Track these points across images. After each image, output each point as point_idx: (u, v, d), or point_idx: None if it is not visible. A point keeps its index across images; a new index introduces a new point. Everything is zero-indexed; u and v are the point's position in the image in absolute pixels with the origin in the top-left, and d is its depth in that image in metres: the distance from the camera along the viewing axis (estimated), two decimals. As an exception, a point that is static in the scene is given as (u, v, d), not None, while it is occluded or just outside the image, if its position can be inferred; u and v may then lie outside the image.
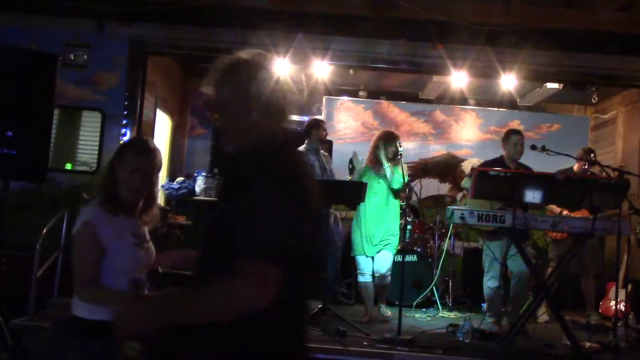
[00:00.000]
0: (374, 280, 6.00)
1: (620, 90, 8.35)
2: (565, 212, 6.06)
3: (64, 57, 6.41)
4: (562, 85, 8.01)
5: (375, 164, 5.99)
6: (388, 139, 5.93)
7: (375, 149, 5.99)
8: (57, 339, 2.83)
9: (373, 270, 5.98)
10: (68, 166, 6.69)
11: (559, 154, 5.52)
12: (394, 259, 6.08)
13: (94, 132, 6.67)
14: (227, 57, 2.04)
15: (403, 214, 6.15)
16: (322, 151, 6.86)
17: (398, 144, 5.76)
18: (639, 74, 6.83)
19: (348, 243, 7.56)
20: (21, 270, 5.24)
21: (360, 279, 6.06)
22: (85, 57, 6.64)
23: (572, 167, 6.72)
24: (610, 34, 6.61)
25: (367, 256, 5.95)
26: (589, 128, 9.32)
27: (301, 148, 6.79)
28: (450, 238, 7.61)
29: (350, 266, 7.42)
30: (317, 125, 6.83)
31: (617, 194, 5.17)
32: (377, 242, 5.91)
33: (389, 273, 6.02)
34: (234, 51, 7.22)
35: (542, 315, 6.51)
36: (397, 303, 5.55)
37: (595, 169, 6.46)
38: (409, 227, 5.40)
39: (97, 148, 6.62)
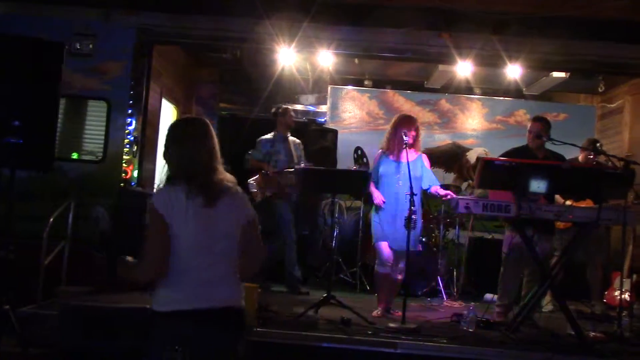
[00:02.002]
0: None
1: (627, 79, 8.30)
2: (569, 202, 6.08)
3: (70, 46, 6.42)
4: (568, 74, 7.98)
5: (392, 150, 5.69)
6: (405, 123, 5.65)
7: (393, 134, 5.67)
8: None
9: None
10: (74, 155, 6.71)
11: (565, 143, 5.50)
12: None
13: (100, 121, 6.68)
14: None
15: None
16: (292, 138, 6.84)
17: (404, 134, 5.49)
18: (646, 63, 6.80)
19: (355, 231, 7.63)
20: (29, 258, 5.27)
21: (380, 269, 5.65)
22: (91, 46, 6.64)
23: (577, 157, 6.71)
24: (618, 22, 6.56)
25: (390, 247, 5.60)
26: (596, 117, 9.29)
27: (268, 136, 6.80)
28: (455, 228, 7.64)
29: (355, 255, 7.48)
30: (281, 113, 6.84)
31: (622, 183, 5.15)
32: (400, 233, 5.47)
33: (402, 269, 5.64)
34: (240, 40, 7.24)
35: (547, 304, 6.52)
36: (402, 292, 5.57)
37: (602, 159, 6.45)
38: (413, 216, 5.34)
39: (102, 137, 6.63)
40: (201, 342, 2.61)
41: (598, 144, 6.60)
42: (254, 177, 6.76)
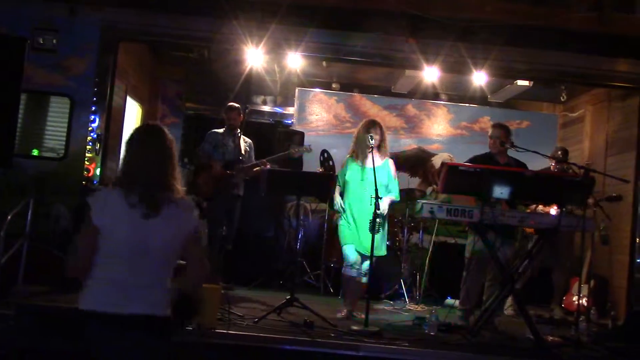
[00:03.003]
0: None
1: (588, 89, 8.47)
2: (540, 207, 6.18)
3: (32, 41, 6.30)
4: (532, 82, 8.11)
5: (358, 154, 5.76)
6: (368, 126, 5.71)
7: (357, 138, 5.78)
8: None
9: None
10: (35, 152, 6.58)
11: (527, 150, 5.60)
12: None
13: (62, 118, 6.56)
14: None
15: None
16: (244, 137, 6.83)
17: (369, 138, 5.54)
18: (607, 74, 6.93)
19: (320, 233, 7.62)
20: (-15, 256, 5.15)
21: (346, 271, 5.71)
22: (54, 41, 6.51)
23: (549, 167, 6.84)
24: (581, 33, 6.69)
25: (357, 251, 5.66)
26: (558, 126, 9.46)
27: (219, 130, 6.94)
28: (419, 232, 7.69)
29: (319, 257, 7.48)
30: (224, 110, 7.03)
31: (583, 191, 5.26)
32: (366, 237, 5.53)
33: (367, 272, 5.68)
34: (206, 40, 7.17)
35: (508, 308, 6.61)
36: (365, 296, 5.58)
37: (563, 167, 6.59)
38: (378, 220, 5.37)
39: (64, 134, 6.51)
40: (114, 346, 2.62)
41: (560, 152, 6.75)
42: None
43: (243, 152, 6.75)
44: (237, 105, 7.02)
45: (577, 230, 5.39)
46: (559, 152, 6.79)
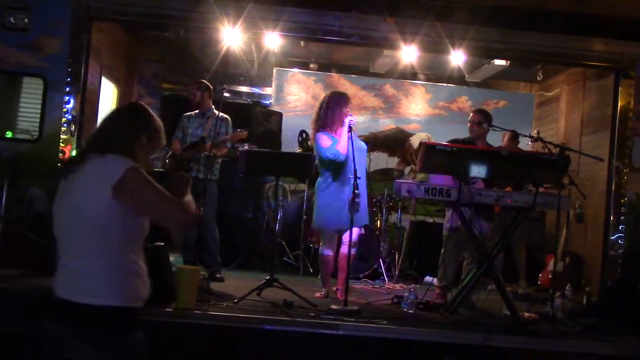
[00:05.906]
0: (337, 256, 5.74)
1: (564, 69, 8.54)
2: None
3: (3, 19, 6.18)
4: (509, 62, 8.14)
5: (335, 130, 5.58)
6: (347, 102, 5.65)
7: (337, 114, 5.60)
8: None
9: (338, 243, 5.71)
10: (8, 134, 6.47)
11: (504, 129, 5.65)
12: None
13: (36, 99, 6.44)
14: None
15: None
16: (220, 114, 6.27)
17: (351, 120, 5.47)
18: (583, 53, 6.97)
19: (299, 214, 7.63)
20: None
21: (324, 251, 5.73)
22: (26, 20, 6.37)
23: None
24: (556, 13, 6.72)
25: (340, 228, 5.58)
26: (534, 105, 9.53)
27: (189, 113, 6.67)
28: (397, 211, 7.73)
29: (298, 238, 7.50)
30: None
31: (558, 169, 5.31)
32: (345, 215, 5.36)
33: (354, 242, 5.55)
34: (182, 19, 7.04)
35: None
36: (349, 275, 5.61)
37: (538, 145, 6.64)
38: (357, 200, 5.36)
39: (38, 116, 6.40)
40: (58, 336, 2.45)
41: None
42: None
43: (206, 132, 6.42)
44: (198, 80, 6.81)
45: (552, 208, 5.45)
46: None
